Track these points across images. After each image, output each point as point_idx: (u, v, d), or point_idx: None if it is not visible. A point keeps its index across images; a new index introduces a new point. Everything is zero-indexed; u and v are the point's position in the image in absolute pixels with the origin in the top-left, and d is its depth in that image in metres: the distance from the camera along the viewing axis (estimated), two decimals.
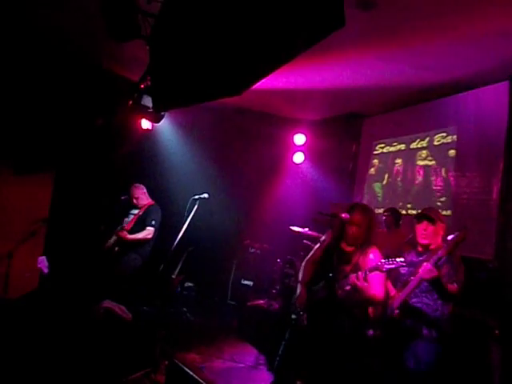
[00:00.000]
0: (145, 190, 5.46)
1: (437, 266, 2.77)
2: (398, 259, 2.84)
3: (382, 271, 2.89)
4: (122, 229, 5.15)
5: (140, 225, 5.20)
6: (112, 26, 3.05)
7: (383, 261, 2.88)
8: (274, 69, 1.88)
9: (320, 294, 3.19)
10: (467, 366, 3.63)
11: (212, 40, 2.07)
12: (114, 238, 5.21)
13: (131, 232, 5.14)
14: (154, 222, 5.12)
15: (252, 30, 1.79)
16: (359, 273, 2.94)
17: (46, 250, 5.66)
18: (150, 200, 5.46)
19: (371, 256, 3.09)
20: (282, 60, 1.80)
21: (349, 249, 3.18)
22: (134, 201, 5.37)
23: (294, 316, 3.31)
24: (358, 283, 2.89)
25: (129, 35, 3.10)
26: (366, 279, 2.93)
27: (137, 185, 5.46)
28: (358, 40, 4.22)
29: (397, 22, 3.95)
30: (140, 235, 5.09)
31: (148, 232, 5.10)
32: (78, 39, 4.98)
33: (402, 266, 2.90)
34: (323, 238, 3.52)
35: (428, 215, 3.10)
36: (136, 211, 5.35)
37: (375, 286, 3.00)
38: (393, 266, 2.85)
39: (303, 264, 3.50)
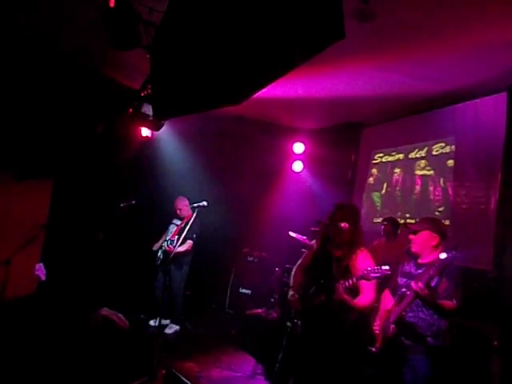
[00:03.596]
0: (187, 203, 5.84)
1: (428, 285, 2.76)
2: (383, 267, 2.81)
3: (368, 280, 2.89)
4: (168, 242, 5.66)
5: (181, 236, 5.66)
6: (114, 36, 3.08)
7: (369, 269, 2.86)
8: (274, 79, 1.90)
9: (312, 301, 3.19)
10: (466, 378, 3.61)
11: (212, 49, 2.09)
12: (160, 249, 5.75)
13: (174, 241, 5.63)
14: (194, 236, 5.53)
15: (253, 41, 1.80)
16: (346, 283, 2.95)
17: (43, 256, 5.64)
18: (190, 213, 5.71)
19: (360, 258, 3.09)
20: (282, 70, 1.82)
21: (338, 253, 3.17)
22: (178, 211, 5.86)
23: (289, 324, 3.31)
24: (339, 296, 2.92)
25: (130, 44, 3.13)
26: (354, 287, 2.95)
27: (181, 197, 5.91)
28: (357, 51, 4.26)
29: (396, 33, 3.99)
30: (182, 248, 5.45)
31: (189, 245, 5.54)
32: (80, 47, 5.01)
33: (388, 274, 2.88)
34: (311, 244, 3.54)
35: (407, 226, 3.17)
36: (179, 222, 5.85)
37: (364, 293, 3.02)
38: (378, 275, 2.83)
39: (293, 271, 3.52)
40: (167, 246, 5.64)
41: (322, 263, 3.16)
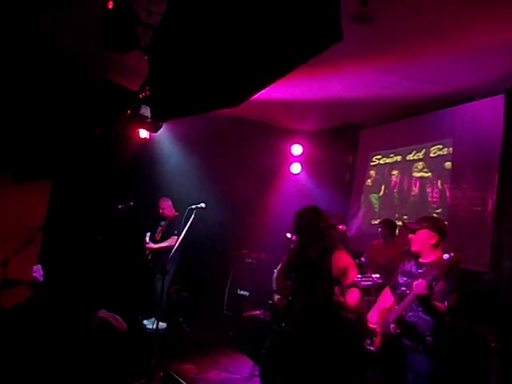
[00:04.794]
0: (170, 203, 6.08)
1: (430, 285, 2.76)
2: (373, 275, 2.90)
3: (358, 288, 2.95)
4: (151, 240, 5.91)
5: (166, 235, 5.89)
6: (112, 38, 3.09)
7: (359, 277, 2.93)
8: (272, 81, 1.90)
9: (298, 304, 3.19)
10: (465, 379, 3.61)
11: (210, 51, 2.09)
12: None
13: (160, 241, 5.86)
14: (176, 232, 5.51)
15: (251, 44, 1.81)
16: (336, 288, 3.01)
17: (41, 258, 5.63)
18: (173, 212, 6.05)
19: (337, 257, 3.14)
20: (280, 73, 1.82)
21: (312, 253, 3.19)
22: (160, 211, 6.02)
23: (275, 327, 3.32)
24: (336, 299, 2.99)
25: (129, 46, 3.14)
26: (342, 294, 3.02)
27: (164, 198, 6.10)
28: (355, 53, 4.27)
29: (394, 36, 4.01)
30: (165, 243, 5.72)
31: (172, 240, 5.56)
32: (78, 49, 5.01)
33: (380, 282, 2.95)
34: (292, 246, 3.56)
35: (405, 225, 3.21)
36: (163, 223, 6.04)
37: (351, 298, 3.09)
38: (370, 283, 2.90)
39: (275, 275, 3.54)
40: (147, 242, 5.87)
41: (300, 266, 3.20)
